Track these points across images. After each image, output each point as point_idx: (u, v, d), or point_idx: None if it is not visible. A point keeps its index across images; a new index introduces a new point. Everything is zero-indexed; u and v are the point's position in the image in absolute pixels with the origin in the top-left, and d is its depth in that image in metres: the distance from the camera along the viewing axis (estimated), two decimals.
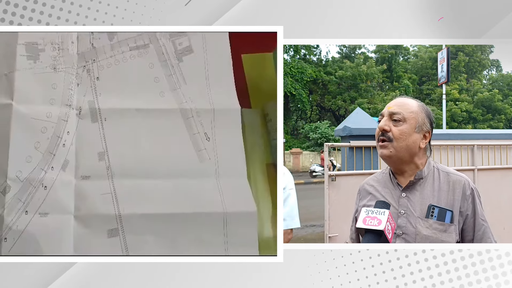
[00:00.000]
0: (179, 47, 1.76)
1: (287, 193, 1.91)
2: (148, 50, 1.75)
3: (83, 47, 1.73)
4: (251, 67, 1.81)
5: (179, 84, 1.73)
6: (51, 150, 1.61)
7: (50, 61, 1.69)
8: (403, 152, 1.43)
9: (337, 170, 5.00)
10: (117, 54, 1.74)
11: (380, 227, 1.31)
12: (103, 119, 1.67)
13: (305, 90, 15.72)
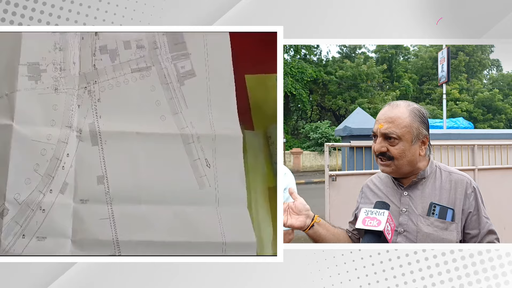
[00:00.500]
0: (181, 70, 1.74)
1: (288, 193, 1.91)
2: (150, 73, 1.73)
3: (85, 68, 1.71)
4: (254, 88, 1.79)
5: (181, 108, 1.71)
6: (50, 173, 1.60)
7: (52, 82, 1.67)
8: (405, 167, 1.43)
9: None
10: (119, 76, 1.72)
11: (380, 227, 1.31)
12: (103, 142, 1.66)
13: (305, 90, 15.71)
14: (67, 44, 1.71)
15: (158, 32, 1.75)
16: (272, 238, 1.66)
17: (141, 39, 1.75)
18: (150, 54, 1.75)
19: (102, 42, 1.74)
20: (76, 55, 1.72)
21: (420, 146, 1.43)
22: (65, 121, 1.66)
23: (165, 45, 1.75)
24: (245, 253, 1.61)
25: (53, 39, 1.71)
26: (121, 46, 1.74)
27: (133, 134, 1.68)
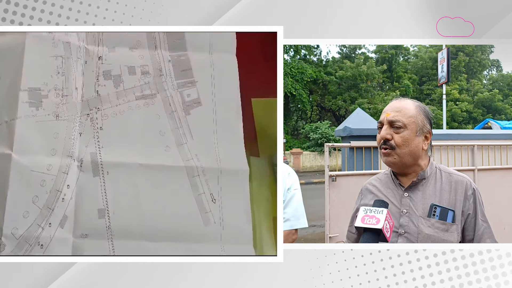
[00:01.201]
0: (187, 99, 1.68)
1: (292, 193, 1.91)
2: (155, 101, 1.67)
3: (87, 94, 1.66)
4: (261, 112, 1.74)
5: (186, 138, 1.66)
6: (50, 205, 1.56)
7: (53, 109, 1.62)
8: (407, 158, 1.44)
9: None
10: (123, 103, 1.66)
11: (379, 225, 1.31)
12: (105, 173, 1.61)
13: (305, 90, 15.72)
14: (69, 69, 1.66)
15: (164, 59, 1.70)
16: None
17: (146, 64, 1.69)
18: (155, 81, 1.69)
19: (106, 67, 1.68)
20: (79, 80, 1.66)
21: (424, 141, 1.45)
22: (66, 150, 1.61)
23: (170, 72, 1.70)
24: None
25: (55, 64, 1.65)
26: (125, 72, 1.68)
27: (136, 166, 1.62)
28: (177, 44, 1.71)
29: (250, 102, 1.73)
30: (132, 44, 1.70)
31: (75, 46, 1.68)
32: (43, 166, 1.57)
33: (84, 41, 1.69)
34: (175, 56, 1.70)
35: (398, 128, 1.43)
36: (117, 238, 1.58)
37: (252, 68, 1.72)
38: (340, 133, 4.94)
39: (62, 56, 1.66)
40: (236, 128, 1.68)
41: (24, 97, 1.60)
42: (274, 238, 1.65)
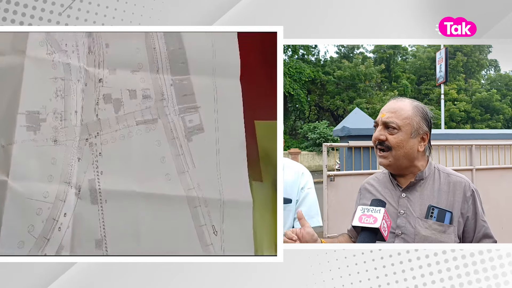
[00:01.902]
0: (189, 125, 1.64)
1: (306, 192, 1.92)
2: (156, 126, 1.63)
3: (87, 118, 1.61)
4: (264, 135, 1.70)
5: (187, 166, 1.62)
6: (46, 235, 1.52)
7: (51, 133, 1.58)
8: (402, 160, 1.43)
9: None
10: (123, 128, 1.62)
11: (376, 225, 1.31)
12: (104, 201, 1.57)
13: (303, 90, 15.70)
14: (69, 91, 1.61)
15: (166, 82, 1.66)
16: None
17: (147, 88, 1.64)
18: (156, 105, 1.64)
19: (106, 90, 1.63)
20: (78, 103, 1.62)
21: (420, 142, 1.44)
22: (64, 176, 1.56)
23: (172, 96, 1.65)
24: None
25: (54, 86, 1.60)
26: (126, 95, 1.64)
27: (136, 194, 1.58)
28: (180, 67, 1.67)
29: (253, 124, 1.69)
30: (133, 67, 1.66)
31: (75, 67, 1.64)
32: (40, 194, 1.53)
33: (85, 63, 1.65)
34: (177, 80, 1.67)
35: (392, 129, 1.42)
36: None
37: (256, 90, 1.69)
38: (339, 133, 4.95)
39: (62, 78, 1.62)
40: (239, 157, 1.64)
41: (22, 120, 1.56)
42: (274, 238, 1.64)
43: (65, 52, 1.64)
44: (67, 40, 1.66)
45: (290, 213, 1.95)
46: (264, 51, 1.71)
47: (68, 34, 1.66)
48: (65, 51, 1.65)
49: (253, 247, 1.60)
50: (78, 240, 1.54)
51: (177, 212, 1.59)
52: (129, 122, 1.63)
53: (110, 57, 1.67)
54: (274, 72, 1.69)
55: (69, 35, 1.66)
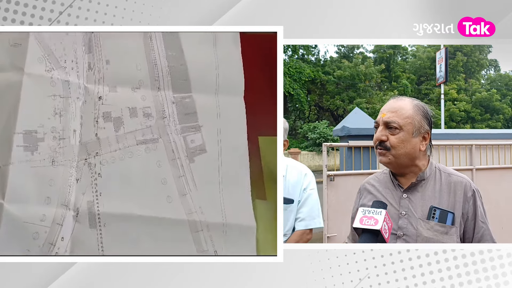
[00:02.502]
0: (191, 145, 1.59)
1: (308, 193, 1.92)
2: (157, 146, 1.58)
3: (86, 137, 1.57)
4: (268, 151, 1.67)
5: (189, 188, 1.58)
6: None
7: (49, 153, 1.53)
8: (403, 159, 1.42)
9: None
10: (123, 148, 1.57)
11: (377, 227, 1.31)
12: (102, 225, 1.53)
13: (303, 90, 15.70)
14: (68, 109, 1.57)
15: (167, 100, 1.61)
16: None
17: (148, 106, 1.60)
18: (157, 124, 1.60)
19: (106, 108, 1.59)
20: (77, 121, 1.57)
21: (421, 141, 1.42)
22: (62, 198, 1.52)
23: (174, 115, 1.61)
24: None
25: (53, 104, 1.56)
26: (126, 114, 1.59)
27: (136, 217, 1.54)
28: (182, 84, 1.63)
29: (257, 140, 1.66)
30: (134, 84, 1.63)
31: (74, 85, 1.60)
32: (37, 217, 1.50)
33: (84, 80, 1.61)
34: (179, 97, 1.63)
35: (393, 129, 1.40)
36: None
37: (259, 105, 1.66)
38: (338, 133, 4.94)
39: (61, 96, 1.58)
40: (242, 179, 1.60)
41: (19, 140, 1.52)
42: (274, 238, 1.62)
43: (64, 69, 1.61)
44: (67, 56, 1.62)
45: (292, 214, 1.95)
46: (268, 67, 1.68)
47: (68, 49, 1.62)
48: (64, 68, 1.61)
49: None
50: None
51: (179, 237, 1.55)
52: (130, 142, 1.59)
53: (110, 73, 1.63)
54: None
55: (69, 51, 1.62)
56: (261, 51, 1.69)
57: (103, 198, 1.55)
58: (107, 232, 1.54)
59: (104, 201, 1.55)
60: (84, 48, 1.64)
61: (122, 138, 1.59)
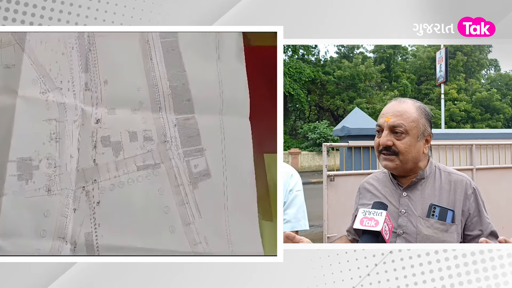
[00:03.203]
0: (194, 170, 1.52)
1: (294, 194, 1.89)
2: (159, 172, 1.51)
3: (84, 163, 1.48)
4: (274, 169, 1.63)
5: (193, 217, 1.51)
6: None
7: (45, 181, 1.45)
8: (409, 163, 1.41)
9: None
10: (122, 175, 1.50)
11: (377, 228, 1.31)
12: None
13: (303, 90, 15.70)
14: (64, 134, 1.49)
15: (169, 122, 1.55)
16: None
17: (149, 129, 1.53)
18: (159, 149, 1.53)
19: (104, 131, 1.51)
20: (74, 147, 1.49)
21: (424, 144, 1.42)
22: (58, 231, 1.44)
23: (176, 138, 1.54)
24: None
25: (48, 128, 1.48)
26: (126, 138, 1.52)
27: (137, 250, 1.48)
28: (184, 105, 1.57)
29: (263, 158, 1.63)
30: (134, 105, 1.55)
31: (71, 107, 1.52)
32: (31, 252, 1.43)
33: (81, 101, 1.54)
34: (181, 119, 1.56)
35: (399, 134, 1.38)
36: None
37: (264, 121, 1.62)
38: (338, 133, 4.94)
39: (57, 120, 1.51)
40: (249, 204, 1.55)
41: (13, 169, 1.43)
42: (274, 238, 1.60)
43: (59, 90, 1.53)
44: (63, 76, 1.55)
45: None
46: (271, 81, 1.64)
47: (63, 69, 1.53)
48: (59, 89, 1.53)
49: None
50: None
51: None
52: (130, 168, 1.52)
53: (108, 94, 1.55)
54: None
55: (65, 70, 1.55)
56: (264, 64, 1.64)
57: (102, 229, 1.48)
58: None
59: (103, 232, 1.48)
60: (80, 67, 1.57)
61: (121, 164, 1.51)
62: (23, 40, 1.55)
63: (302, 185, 2.02)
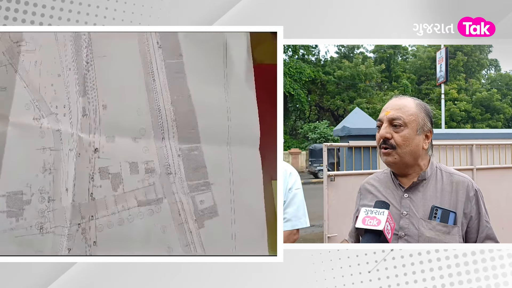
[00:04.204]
0: (200, 206, 1.40)
1: (293, 193, 1.89)
2: (161, 207, 1.39)
3: (79, 197, 1.35)
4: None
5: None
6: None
7: (37, 218, 1.34)
8: (408, 157, 1.40)
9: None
10: (122, 211, 1.38)
11: (379, 227, 1.31)
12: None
13: (303, 90, 15.71)
14: (59, 164, 1.37)
15: (173, 152, 1.43)
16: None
17: (151, 160, 1.41)
18: (161, 181, 1.41)
19: (102, 162, 1.39)
20: (70, 179, 1.36)
21: (424, 140, 1.41)
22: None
23: (180, 170, 1.42)
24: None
25: (42, 158, 1.36)
26: (126, 169, 1.39)
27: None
28: (189, 134, 1.44)
29: (271, 186, 1.56)
30: (135, 133, 1.43)
31: (67, 134, 1.40)
32: None
33: (78, 128, 1.41)
34: (186, 149, 1.44)
35: (398, 126, 1.39)
36: None
37: (273, 147, 1.55)
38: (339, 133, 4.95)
39: (51, 148, 1.39)
40: (260, 244, 1.45)
41: (2, 205, 1.33)
42: (274, 238, 1.57)
43: (55, 116, 1.41)
44: (58, 100, 1.42)
45: None
46: (275, 102, 1.56)
47: (59, 92, 1.42)
48: (55, 115, 1.42)
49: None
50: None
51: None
52: (130, 203, 1.40)
53: (107, 120, 1.42)
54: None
55: (61, 94, 1.42)
56: (270, 83, 1.56)
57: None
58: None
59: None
60: (78, 90, 1.44)
61: (121, 199, 1.40)
62: (16, 61, 1.43)
63: (303, 185, 2.02)
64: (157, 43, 1.47)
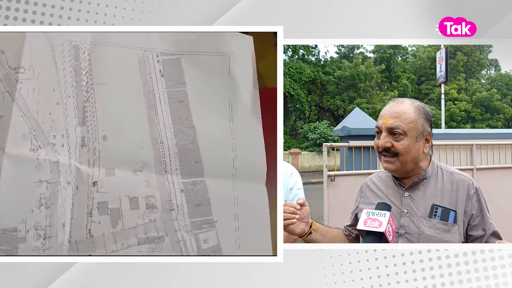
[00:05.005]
0: (204, 246, 1.35)
1: (294, 193, 1.89)
2: (163, 246, 1.34)
3: (77, 234, 1.30)
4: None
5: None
6: None
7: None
8: (409, 164, 1.41)
9: None
10: (121, 249, 1.32)
11: (381, 229, 1.31)
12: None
13: (303, 90, 15.72)
14: (56, 198, 1.31)
15: (175, 187, 1.37)
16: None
17: (152, 195, 1.34)
18: (163, 218, 1.35)
19: (102, 196, 1.32)
20: (67, 214, 1.30)
21: (424, 144, 1.41)
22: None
23: (183, 206, 1.36)
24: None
25: (38, 192, 1.30)
26: (126, 204, 1.33)
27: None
28: (192, 167, 1.38)
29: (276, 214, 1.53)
30: (135, 166, 1.36)
31: (64, 166, 1.34)
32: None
33: (76, 159, 1.35)
34: (189, 183, 1.38)
35: (398, 135, 1.38)
36: None
37: (275, 170, 1.50)
38: (339, 133, 4.95)
39: (48, 181, 1.33)
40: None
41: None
42: (274, 238, 1.55)
43: (53, 146, 1.35)
44: (57, 130, 1.36)
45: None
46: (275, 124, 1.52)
47: (57, 121, 1.36)
48: (53, 145, 1.35)
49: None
50: None
51: None
52: (129, 241, 1.34)
53: (107, 152, 1.37)
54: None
55: (59, 123, 1.36)
56: (269, 107, 1.52)
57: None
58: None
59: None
60: (77, 119, 1.38)
61: (120, 236, 1.34)
62: (14, 88, 1.36)
63: (303, 185, 2.01)
64: (160, 71, 1.41)
